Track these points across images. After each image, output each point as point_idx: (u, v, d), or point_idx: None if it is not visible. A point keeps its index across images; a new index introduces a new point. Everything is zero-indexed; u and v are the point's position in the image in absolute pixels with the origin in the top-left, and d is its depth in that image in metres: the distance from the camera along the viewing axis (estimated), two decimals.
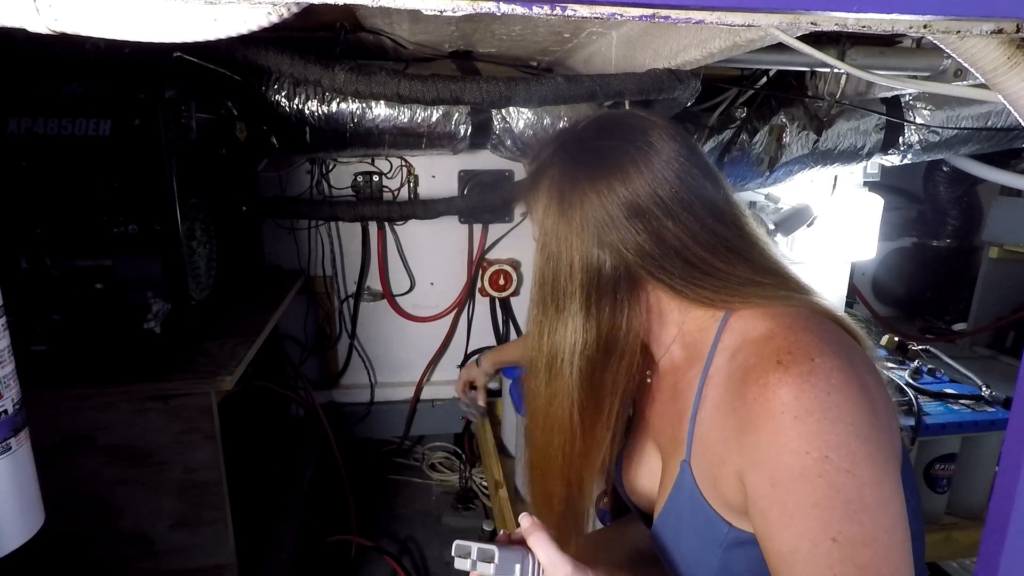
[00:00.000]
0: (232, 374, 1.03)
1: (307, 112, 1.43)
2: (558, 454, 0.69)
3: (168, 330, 1.02)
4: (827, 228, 1.80)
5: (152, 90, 0.97)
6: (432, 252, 1.98)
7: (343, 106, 1.44)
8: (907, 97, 1.65)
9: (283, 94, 1.41)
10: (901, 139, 1.69)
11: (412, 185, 1.89)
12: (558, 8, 0.44)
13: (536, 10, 0.44)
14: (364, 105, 1.44)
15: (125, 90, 0.96)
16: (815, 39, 1.03)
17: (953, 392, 1.39)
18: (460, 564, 0.61)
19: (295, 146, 1.49)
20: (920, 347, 1.61)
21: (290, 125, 1.44)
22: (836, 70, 1.43)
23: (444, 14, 0.46)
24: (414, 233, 1.95)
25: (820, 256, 1.85)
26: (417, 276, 1.99)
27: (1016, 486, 0.48)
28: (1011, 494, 0.48)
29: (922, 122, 1.66)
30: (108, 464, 1.00)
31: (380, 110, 1.45)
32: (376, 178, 1.85)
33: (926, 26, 0.49)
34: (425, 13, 0.46)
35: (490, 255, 2.01)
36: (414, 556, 1.61)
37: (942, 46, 0.55)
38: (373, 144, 1.52)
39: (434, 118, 1.48)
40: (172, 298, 1.03)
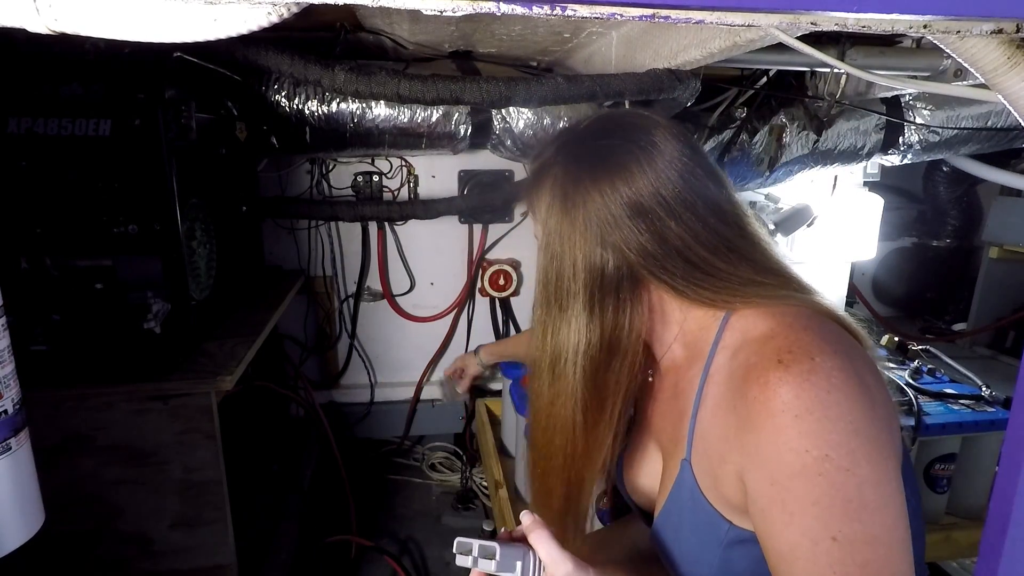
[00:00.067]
0: (232, 374, 1.03)
1: (307, 112, 1.43)
2: (560, 454, 0.69)
3: (168, 330, 1.02)
4: (827, 228, 1.80)
5: (152, 90, 0.97)
6: (432, 252, 1.97)
7: (343, 106, 1.44)
8: (907, 97, 1.65)
9: (283, 94, 1.41)
10: (901, 139, 1.69)
11: (412, 185, 1.88)
12: (558, 8, 0.44)
13: (536, 10, 0.44)
14: (364, 105, 1.44)
15: (125, 90, 0.96)
16: (815, 39, 1.03)
17: (953, 392, 1.39)
18: (461, 561, 0.61)
19: (295, 146, 1.49)
20: (920, 347, 1.62)
21: (290, 125, 1.44)
22: (836, 70, 1.43)
23: (444, 14, 0.46)
24: (414, 233, 1.95)
25: (820, 256, 1.85)
26: (417, 276, 1.99)
27: (1016, 486, 0.48)
28: (1011, 494, 0.48)
29: (922, 122, 1.66)
30: (108, 464, 1.00)
31: (380, 110, 1.45)
32: (376, 178, 1.85)
33: (926, 26, 0.49)
34: (425, 13, 0.46)
35: (490, 255, 2.01)
36: (414, 556, 1.61)
37: (942, 46, 0.55)
38: (373, 144, 1.52)
39: (434, 118, 1.48)
40: (172, 298, 1.03)
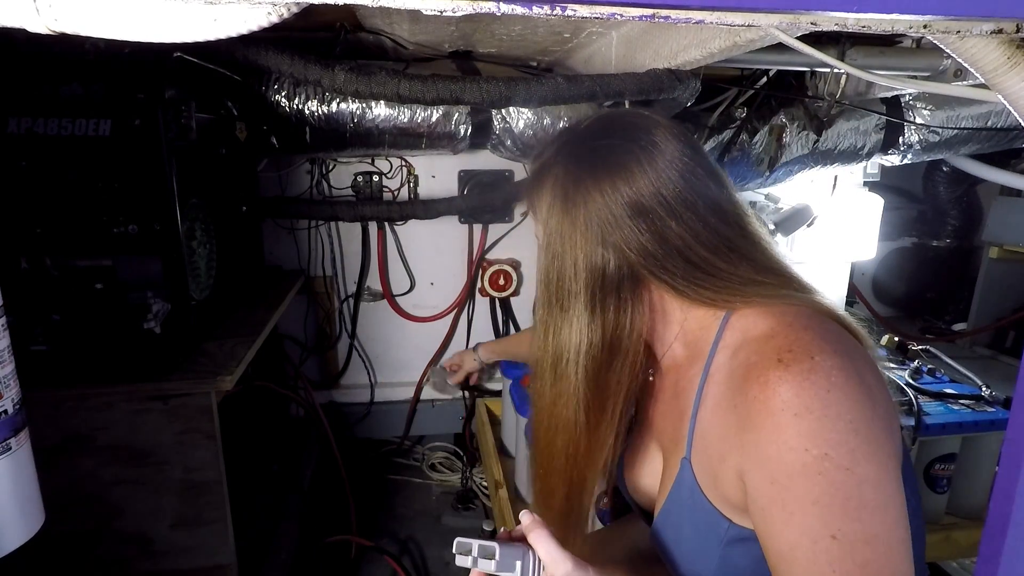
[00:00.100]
0: (232, 374, 1.03)
1: (307, 112, 1.43)
2: (562, 454, 0.69)
3: (168, 330, 1.02)
4: (827, 228, 1.80)
5: (152, 90, 0.97)
6: (432, 252, 1.98)
7: (343, 106, 1.44)
8: (907, 97, 1.65)
9: (283, 94, 1.41)
10: (901, 139, 1.69)
11: (412, 185, 1.88)
12: (558, 8, 0.44)
13: (536, 10, 0.44)
14: (364, 105, 1.44)
15: (125, 90, 0.96)
16: (815, 39, 1.03)
17: (953, 392, 1.39)
18: (461, 561, 0.61)
19: (295, 146, 1.49)
20: (920, 347, 1.62)
21: (290, 125, 1.44)
22: (836, 70, 1.43)
23: (444, 14, 0.46)
24: (414, 233, 1.95)
25: (820, 256, 1.85)
26: (417, 276, 1.99)
27: (1016, 486, 0.48)
28: (1011, 494, 0.48)
29: (922, 122, 1.66)
30: (108, 464, 1.00)
31: (380, 110, 1.45)
32: (376, 178, 1.85)
33: (926, 26, 0.49)
34: (425, 13, 0.46)
35: (490, 255, 2.01)
36: (414, 556, 1.61)
37: (942, 46, 0.55)
38: (373, 144, 1.52)
39: (434, 118, 1.48)
40: (172, 298, 1.03)
